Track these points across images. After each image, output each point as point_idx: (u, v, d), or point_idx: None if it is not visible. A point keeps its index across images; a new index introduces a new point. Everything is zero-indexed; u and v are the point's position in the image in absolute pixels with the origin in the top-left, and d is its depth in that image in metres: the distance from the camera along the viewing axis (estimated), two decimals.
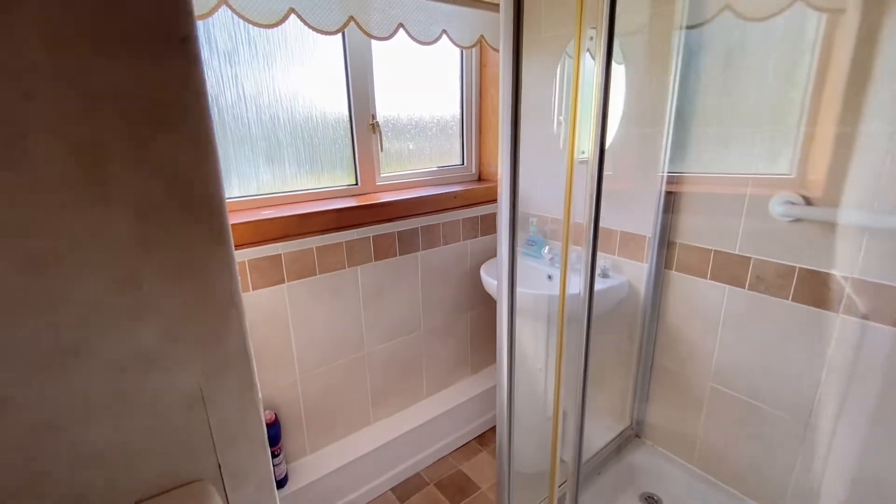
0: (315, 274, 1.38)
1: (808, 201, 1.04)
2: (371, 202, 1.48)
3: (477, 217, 1.77)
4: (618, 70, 1.38)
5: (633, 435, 1.58)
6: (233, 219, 1.24)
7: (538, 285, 1.64)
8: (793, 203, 1.05)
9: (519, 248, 1.83)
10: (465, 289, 1.81)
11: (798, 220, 1.06)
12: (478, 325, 1.90)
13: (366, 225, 1.46)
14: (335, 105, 1.52)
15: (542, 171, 1.72)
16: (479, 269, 1.74)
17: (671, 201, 1.31)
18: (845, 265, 1.02)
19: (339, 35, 1.44)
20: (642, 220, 1.39)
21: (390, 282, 1.57)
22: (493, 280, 1.44)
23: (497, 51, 1.77)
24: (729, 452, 1.34)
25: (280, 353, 1.37)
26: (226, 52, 1.28)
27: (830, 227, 1.02)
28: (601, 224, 1.53)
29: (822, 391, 1.11)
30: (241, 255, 1.22)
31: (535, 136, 1.70)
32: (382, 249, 1.52)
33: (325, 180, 1.56)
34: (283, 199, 1.44)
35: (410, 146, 1.79)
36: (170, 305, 0.55)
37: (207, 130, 0.53)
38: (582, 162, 1.69)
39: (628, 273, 1.48)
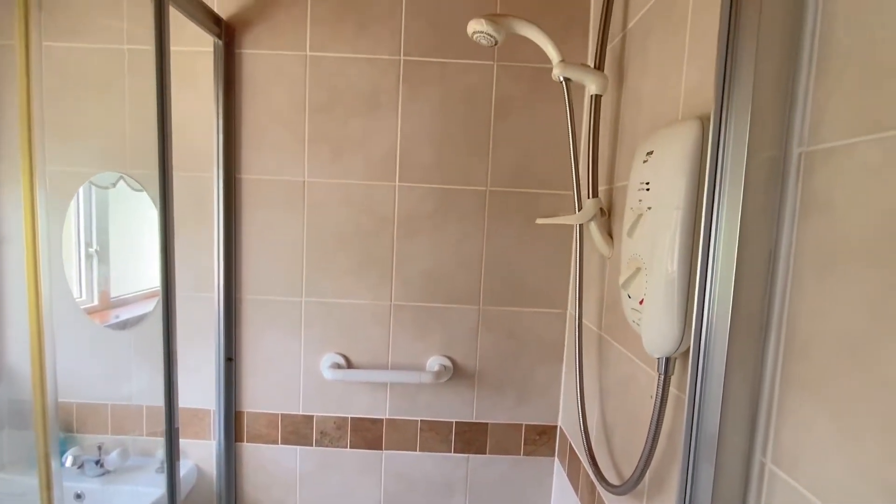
0: None
1: (349, 363, 1.20)
2: None
3: None
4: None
5: None
6: None
7: None
8: (339, 366, 1.18)
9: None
10: None
11: (342, 380, 1.19)
12: None
13: None
14: None
15: (61, 339, 1.23)
16: None
17: (232, 368, 1.21)
18: (380, 410, 1.22)
19: None
20: (204, 392, 1.21)
21: None
22: None
23: None
24: None
25: None
26: None
27: (367, 383, 1.21)
28: (146, 402, 1.24)
29: None
30: None
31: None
32: None
33: None
34: None
35: None
36: None
37: None
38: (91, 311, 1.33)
39: (195, 455, 1.24)
